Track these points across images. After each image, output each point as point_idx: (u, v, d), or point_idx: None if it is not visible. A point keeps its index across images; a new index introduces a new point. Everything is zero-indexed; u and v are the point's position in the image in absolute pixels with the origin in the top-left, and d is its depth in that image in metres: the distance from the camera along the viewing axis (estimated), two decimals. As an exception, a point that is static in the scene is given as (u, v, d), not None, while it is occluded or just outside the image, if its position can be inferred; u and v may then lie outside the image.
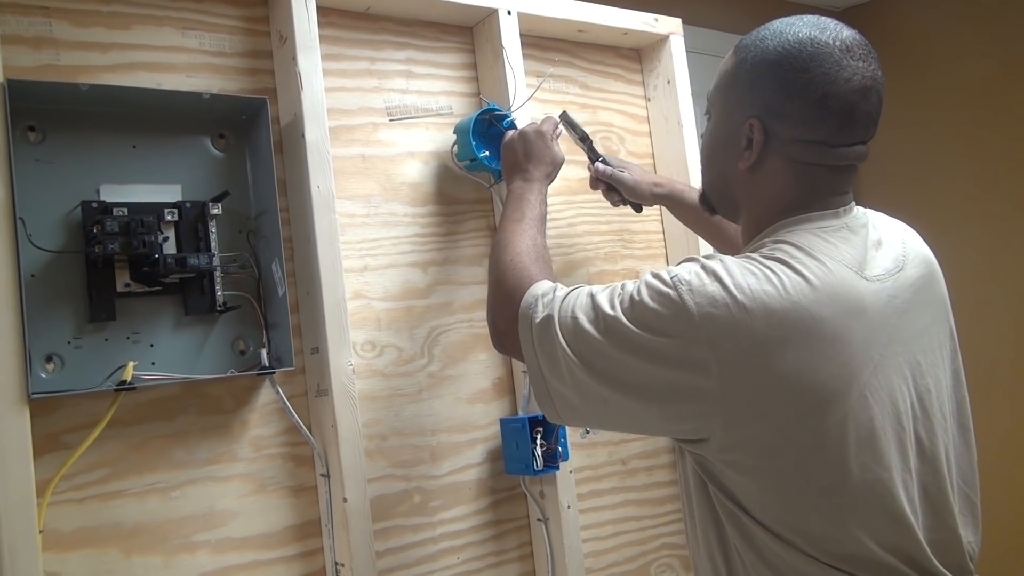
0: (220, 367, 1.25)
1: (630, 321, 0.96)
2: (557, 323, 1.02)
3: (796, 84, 0.97)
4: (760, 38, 1.02)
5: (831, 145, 0.99)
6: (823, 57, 0.96)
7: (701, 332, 0.91)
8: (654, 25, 1.77)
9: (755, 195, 1.04)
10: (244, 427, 1.27)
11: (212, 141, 1.29)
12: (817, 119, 0.98)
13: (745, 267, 0.94)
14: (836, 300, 0.93)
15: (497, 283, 1.17)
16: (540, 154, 1.36)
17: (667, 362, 0.93)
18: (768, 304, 0.91)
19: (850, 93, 0.97)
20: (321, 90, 1.31)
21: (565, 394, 1.02)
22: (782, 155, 1.00)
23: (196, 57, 1.30)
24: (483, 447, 1.51)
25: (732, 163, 1.05)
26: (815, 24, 0.99)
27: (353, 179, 1.42)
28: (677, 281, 0.94)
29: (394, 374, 1.42)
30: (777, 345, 0.90)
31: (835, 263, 0.95)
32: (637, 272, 1.77)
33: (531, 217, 1.26)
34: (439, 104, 1.54)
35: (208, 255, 1.20)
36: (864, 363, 0.93)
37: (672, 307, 0.93)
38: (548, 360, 1.03)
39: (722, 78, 1.07)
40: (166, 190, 1.24)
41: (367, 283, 1.41)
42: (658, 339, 0.94)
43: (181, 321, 1.23)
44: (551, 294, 1.07)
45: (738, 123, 1.02)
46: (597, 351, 0.98)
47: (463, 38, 1.59)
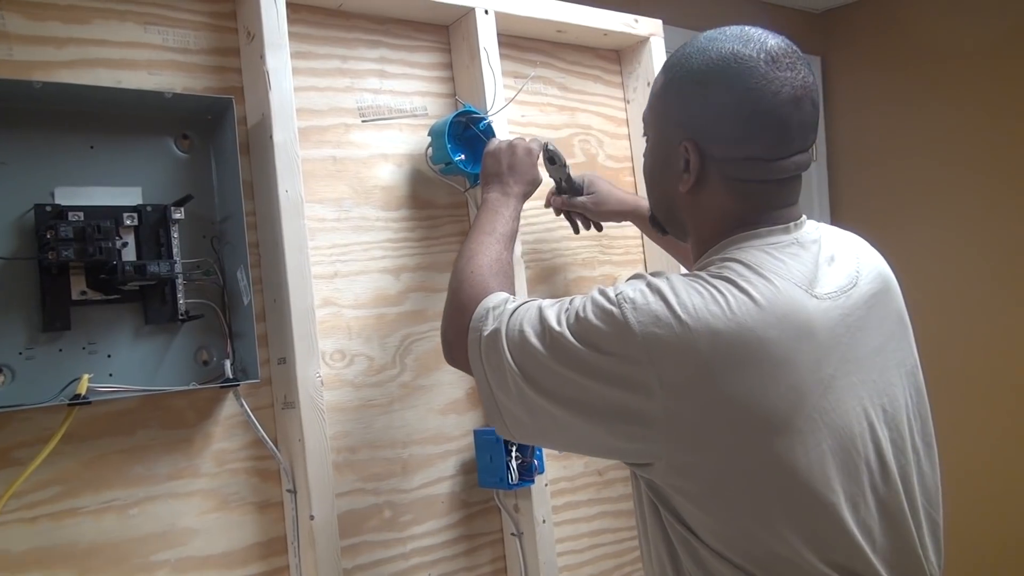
0: (182, 379, 1.20)
1: (574, 337, 0.93)
2: (504, 336, 1.00)
3: (723, 103, 0.94)
4: (685, 56, 0.99)
5: (768, 160, 0.96)
6: (748, 72, 0.93)
7: (643, 352, 0.89)
8: (634, 26, 1.73)
9: (700, 215, 1.02)
10: (207, 441, 1.22)
11: (175, 142, 1.23)
12: (750, 136, 0.95)
13: (691, 286, 0.91)
14: (784, 320, 0.90)
15: (454, 293, 1.15)
16: (524, 171, 1.33)
17: (609, 381, 0.91)
18: (713, 325, 0.88)
19: (780, 106, 0.94)
20: (290, 90, 1.26)
21: (513, 410, 1.00)
22: (721, 174, 0.98)
23: (159, 54, 1.24)
24: (456, 459, 1.46)
25: (673, 185, 1.02)
26: (738, 37, 0.96)
27: (323, 182, 1.37)
28: (621, 299, 0.92)
29: (364, 384, 1.37)
30: (722, 368, 0.88)
31: (783, 281, 0.92)
32: (615, 278, 1.74)
33: (502, 232, 1.23)
34: (413, 105, 1.50)
35: (170, 262, 1.14)
36: (813, 385, 0.90)
37: (614, 325, 0.91)
38: (495, 374, 1.00)
39: (654, 99, 1.04)
40: (125, 193, 1.18)
41: (337, 290, 1.36)
42: (600, 357, 0.91)
43: (141, 331, 1.17)
44: (502, 307, 1.05)
45: (673, 145, 1.00)
46: (542, 366, 0.96)
47: (438, 37, 1.55)
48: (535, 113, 1.65)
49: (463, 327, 1.06)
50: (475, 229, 1.24)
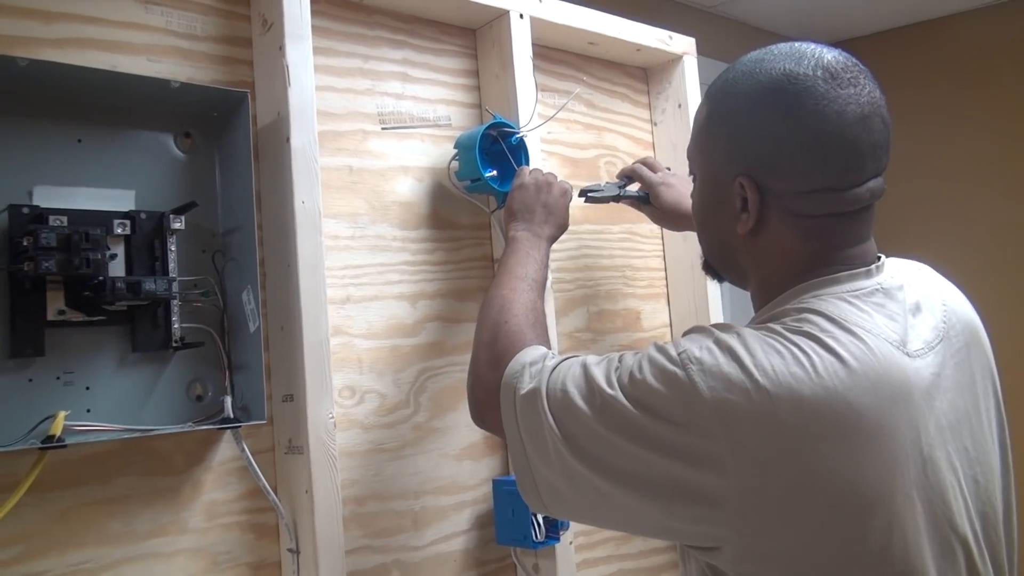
0: (171, 416, 1.02)
1: (629, 400, 0.79)
2: (544, 396, 0.86)
3: (779, 131, 0.82)
4: (730, 82, 0.87)
5: (839, 190, 0.83)
6: (805, 93, 0.81)
7: (714, 422, 0.75)
8: (668, 43, 1.61)
9: (763, 259, 0.88)
10: (196, 490, 1.04)
11: (175, 140, 1.06)
12: (814, 165, 0.82)
13: (767, 343, 0.78)
14: (878, 385, 0.77)
15: (485, 346, 1.00)
16: (558, 214, 1.22)
17: (671, 453, 0.77)
18: (796, 390, 0.74)
19: (846, 127, 0.81)
20: (311, 88, 1.10)
21: (551, 479, 0.85)
22: (784, 211, 0.84)
23: (161, 38, 1.07)
24: (471, 512, 1.30)
25: (729, 228, 0.88)
26: (789, 55, 0.84)
27: (338, 194, 1.21)
28: (686, 358, 0.78)
29: (375, 425, 1.21)
30: (808, 440, 0.74)
31: (873, 337, 0.79)
32: (638, 313, 1.60)
33: (534, 279, 1.10)
34: (437, 114, 1.35)
35: (167, 279, 0.97)
36: (911, 458, 0.78)
37: (678, 389, 0.77)
38: (533, 439, 0.86)
39: (698, 133, 0.92)
40: (116, 196, 1.01)
41: (349, 317, 1.20)
42: (661, 425, 0.77)
43: (126, 359, 0.99)
44: (541, 362, 0.91)
45: (726, 183, 0.87)
46: (589, 432, 0.81)
47: (465, 41, 1.40)
48: (561, 130, 1.52)
49: (495, 384, 0.92)
50: (505, 272, 1.10)
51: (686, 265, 1.63)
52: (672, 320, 1.66)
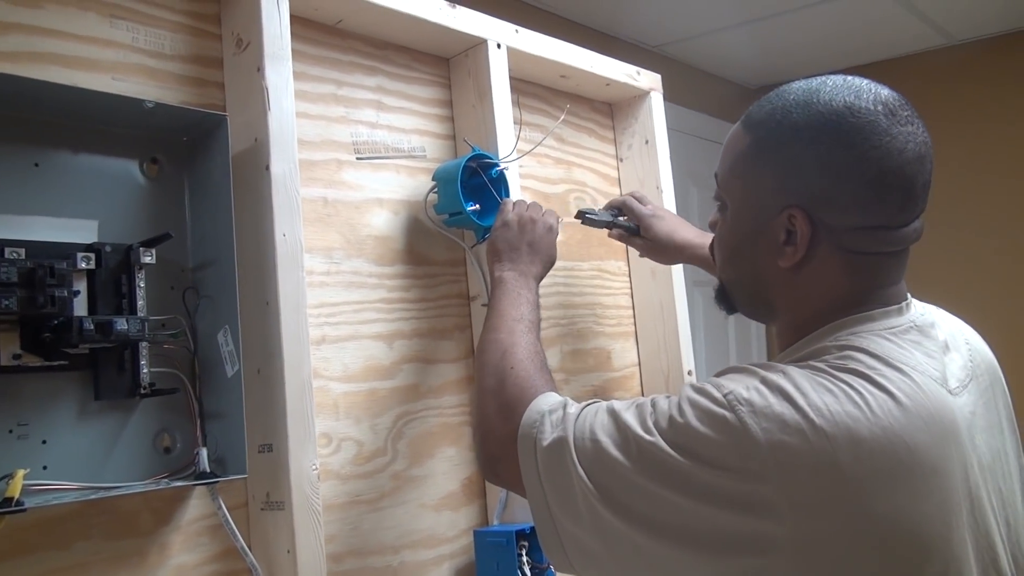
0: (137, 471, 0.92)
1: (672, 447, 0.74)
2: (572, 447, 0.80)
3: (844, 164, 0.79)
4: (780, 111, 0.83)
5: (892, 228, 0.81)
6: (869, 128, 0.79)
7: (769, 466, 0.71)
8: (636, 79, 1.60)
9: (799, 295, 0.85)
10: (164, 554, 0.93)
11: (141, 166, 0.97)
12: (875, 201, 0.80)
13: (817, 381, 0.74)
14: (931, 424, 0.74)
15: (493, 394, 0.93)
16: (545, 251, 1.16)
17: (721, 502, 0.72)
18: (855, 431, 0.71)
19: (906, 165, 0.80)
20: (292, 112, 1.03)
21: (580, 537, 0.79)
22: (834, 246, 0.81)
23: (126, 55, 0.98)
24: (450, 565, 1.22)
25: (768, 261, 0.85)
26: (846, 88, 0.81)
27: (312, 227, 1.13)
28: (734, 400, 0.73)
29: (352, 475, 1.12)
30: (867, 482, 0.71)
31: (920, 375, 0.77)
32: (609, 352, 1.56)
33: (530, 320, 1.05)
34: (412, 144, 1.29)
35: (139, 319, 0.87)
36: (963, 498, 0.76)
37: (729, 433, 0.72)
38: (558, 493, 0.80)
39: (737, 161, 0.86)
40: (77, 227, 0.91)
41: (325, 359, 1.11)
42: (709, 472, 0.72)
43: (88, 408, 0.89)
44: (560, 410, 0.85)
45: (771, 214, 0.83)
46: (627, 483, 0.76)
47: (438, 69, 1.35)
48: (533, 164, 1.48)
49: (510, 435, 0.86)
50: (499, 315, 1.04)
51: (655, 304, 1.60)
52: (640, 359, 1.62)
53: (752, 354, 3.38)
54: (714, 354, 3.15)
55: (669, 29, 2.82)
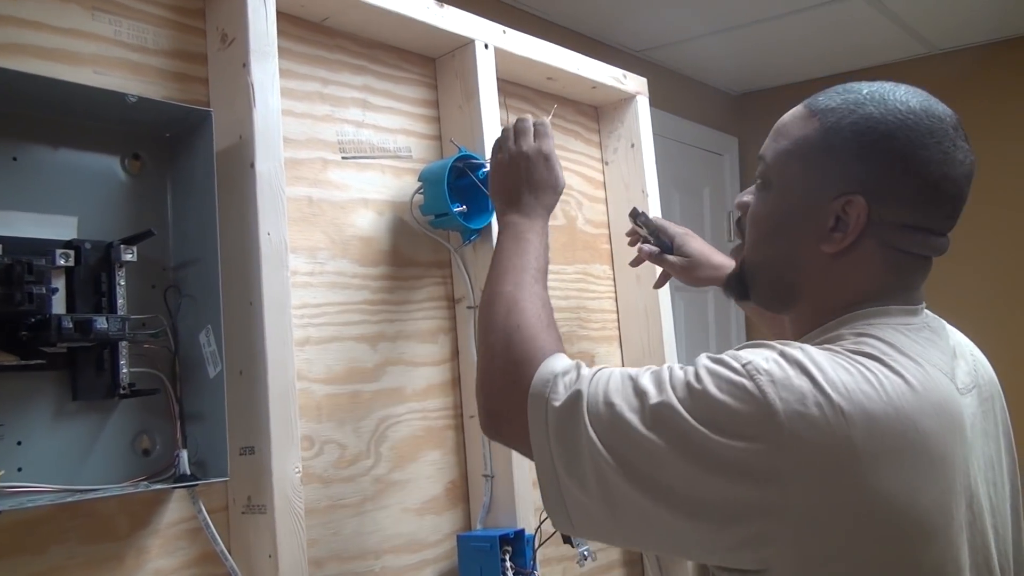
0: (115, 474, 0.90)
1: (689, 414, 0.74)
2: (586, 409, 0.79)
3: (915, 160, 0.81)
4: (855, 103, 0.83)
5: (935, 233, 0.84)
6: (941, 133, 0.81)
7: (786, 436, 0.71)
8: (622, 82, 1.59)
9: (831, 282, 0.85)
10: (141, 558, 0.91)
11: (123, 162, 0.95)
12: (930, 203, 0.82)
13: (834, 360, 0.75)
14: (940, 411, 0.76)
15: (499, 351, 0.91)
16: (545, 181, 1.08)
17: (733, 472, 0.72)
18: (869, 409, 0.72)
19: (962, 178, 0.83)
20: (278, 109, 1.01)
21: (584, 500, 0.79)
22: (879, 240, 0.83)
23: (108, 49, 0.96)
24: (432, 570, 1.21)
25: (808, 243, 0.85)
26: (918, 95, 0.84)
27: (297, 227, 1.11)
28: (753, 369, 0.74)
29: (335, 479, 1.11)
30: (877, 459, 0.72)
31: (932, 367, 0.79)
32: (592, 355, 1.55)
33: (536, 267, 1.00)
34: (397, 144, 1.27)
35: (120, 318, 0.86)
36: (963, 490, 0.78)
37: (748, 402, 0.72)
38: (567, 454, 0.79)
39: (799, 143, 0.86)
40: (56, 223, 0.89)
41: (308, 361, 1.10)
42: (725, 442, 0.72)
43: (65, 409, 0.87)
44: (574, 372, 0.84)
45: (824, 199, 0.83)
46: (640, 449, 0.75)
47: (424, 70, 1.34)
48: (518, 166, 1.46)
49: (519, 394, 0.84)
50: (501, 263, 0.99)
51: (639, 308, 1.60)
52: (624, 363, 1.62)
53: (732, 360, 3.39)
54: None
55: (654, 34, 2.82)
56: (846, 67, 3.11)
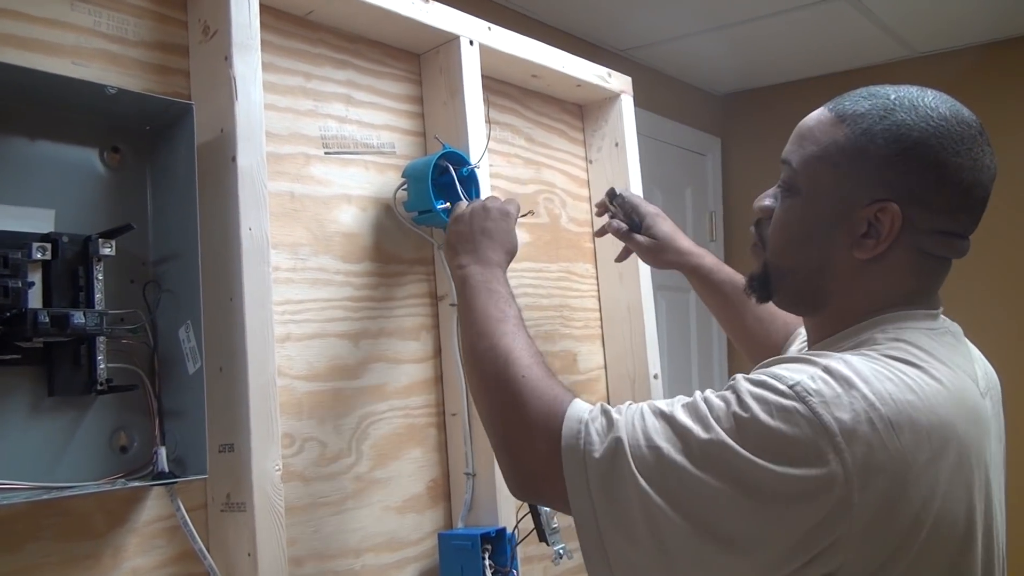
0: (92, 471, 0.88)
1: (742, 445, 0.72)
2: (630, 456, 0.76)
3: (949, 168, 0.81)
4: (884, 109, 0.83)
5: (962, 237, 0.85)
6: (971, 139, 0.82)
7: (844, 454, 0.71)
8: (607, 80, 1.59)
9: (860, 288, 0.85)
10: (118, 556, 0.90)
11: (102, 155, 0.94)
12: (963, 208, 0.83)
13: (876, 370, 0.76)
14: (973, 415, 0.79)
15: (512, 408, 0.86)
16: (502, 238, 1.08)
17: (799, 498, 0.71)
18: (914, 418, 0.73)
19: (988, 182, 0.84)
20: (260, 103, 1.00)
21: (631, 554, 0.76)
22: (912, 246, 0.83)
23: (88, 40, 0.95)
24: (413, 569, 1.20)
25: (839, 249, 0.85)
26: (946, 100, 0.84)
27: (278, 222, 1.10)
28: (802, 391, 0.73)
29: (315, 477, 1.10)
30: (925, 468, 0.73)
31: (961, 372, 0.81)
32: (575, 354, 1.55)
33: (513, 316, 0.97)
34: (381, 140, 1.26)
35: (97, 313, 0.84)
36: (994, 494, 0.81)
37: (803, 426, 0.71)
38: (612, 508, 0.76)
39: (828, 151, 0.85)
40: (33, 216, 0.87)
41: (289, 358, 1.09)
42: (790, 471, 0.71)
43: (41, 405, 0.85)
44: (601, 417, 0.81)
45: (857, 205, 0.83)
46: (696, 492, 0.73)
47: (409, 65, 1.33)
48: (502, 164, 1.46)
49: (552, 450, 0.80)
50: (479, 316, 0.96)
51: (622, 307, 1.60)
52: (607, 362, 1.62)
53: (713, 361, 3.40)
54: (676, 359, 3.16)
55: (638, 33, 2.82)
56: (828, 69, 3.13)
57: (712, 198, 3.48)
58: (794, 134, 0.89)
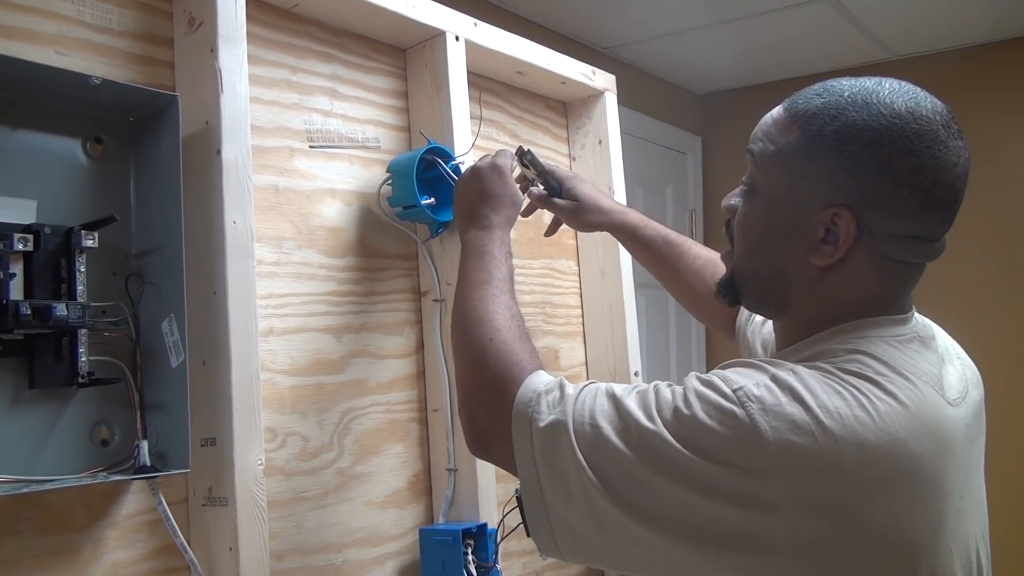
0: (72, 464, 0.88)
1: (677, 439, 0.73)
2: (572, 431, 0.78)
3: (903, 170, 0.77)
4: (836, 108, 0.79)
5: (930, 240, 0.81)
6: (930, 136, 0.77)
7: (776, 465, 0.71)
8: (591, 78, 1.60)
9: (823, 295, 0.83)
10: (98, 550, 0.90)
11: (84, 146, 0.93)
12: (923, 211, 0.79)
13: (827, 383, 0.74)
14: (932, 432, 0.76)
15: (476, 369, 0.90)
16: (498, 194, 1.08)
17: (723, 497, 0.71)
18: (863, 436, 0.71)
19: (956, 179, 0.79)
20: (246, 96, 1.00)
21: (572, 522, 0.78)
22: (873, 252, 0.80)
23: (71, 29, 0.94)
24: (394, 564, 1.20)
25: (799, 257, 0.82)
26: (906, 94, 0.80)
27: (262, 216, 1.10)
28: (743, 396, 0.73)
29: (297, 471, 1.09)
30: (870, 489, 0.72)
31: (924, 384, 0.78)
32: (556, 351, 1.55)
33: (500, 277, 0.99)
34: (366, 135, 1.26)
35: (79, 305, 0.84)
36: (951, 507, 0.77)
37: (737, 429, 0.72)
38: (553, 476, 0.79)
39: (782, 152, 0.82)
40: (15, 206, 0.86)
41: (271, 352, 1.08)
42: (713, 467, 0.72)
43: (21, 397, 0.85)
44: (557, 391, 0.83)
45: (812, 210, 0.80)
46: (626, 473, 0.75)
47: (394, 60, 1.33)
48: (487, 160, 1.46)
49: (502, 413, 0.83)
50: (465, 280, 0.99)
51: (604, 304, 1.60)
52: (588, 360, 1.63)
53: (692, 359, 3.42)
54: (655, 357, 3.18)
55: (620, 32, 2.83)
56: (809, 70, 3.16)
57: (692, 196, 3.50)
58: (755, 129, 0.87)
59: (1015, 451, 2.85)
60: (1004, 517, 1.16)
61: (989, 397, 0.92)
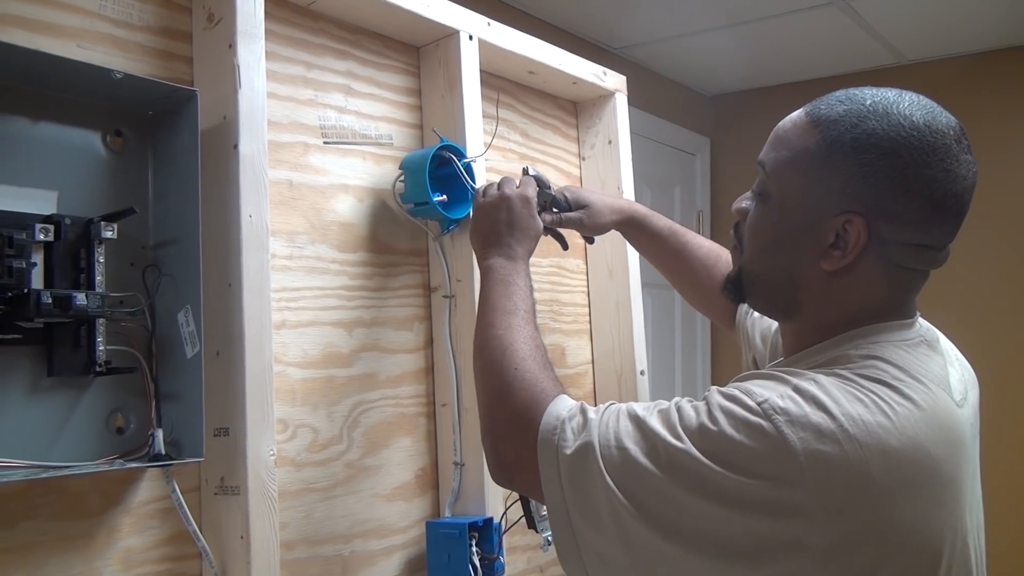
0: (88, 451, 0.89)
1: (706, 456, 0.74)
2: (599, 455, 0.78)
3: (917, 181, 0.79)
4: (857, 116, 0.81)
5: (937, 249, 0.84)
6: (943, 149, 0.80)
7: (806, 474, 0.72)
8: (602, 79, 1.61)
9: (831, 299, 0.85)
10: (112, 536, 0.91)
11: (104, 138, 0.95)
12: (934, 221, 0.81)
13: (847, 390, 0.76)
14: (948, 434, 0.78)
15: (500, 398, 0.90)
16: (525, 227, 1.11)
17: (757, 509, 0.72)
18: (885, 441, 0.73)
19: (965, 192, 0.82)
20: (263, 91, 1.01)
21: (601, 548, 0.78)
22: (882, 258, 0.82)
23: (93, 23, 0.95)
24: (400, 556, 1.22)
25: (808, 261, 0.84)
26: (923, 106, 0.82)
27: (276, 210, 1.11)
28: (769, 409, 0.74)
29: (307, 463, 1.11)
30: (895, 492, 0.73)
31: (936, 387, 0.80)
32: (563, 349, 1.57)
33: (525, 309, 1.01)
34: (379, 131, 1.27)
35: (99, 295, 0.85)
36: (967, 505, 0.80)
37: (767, 442, 0.73)
38: (581, 501, 0.79)
39: (799, 156, 0.84)
40: (36, 197, 0.88)
41: (283, 344, 1.10)
42: (747, 481, 0.72)
43: (39, 384, 0.86)
44: (579, 416, 0.83)
45: (824, 215, 0.82)
46: (658, 493, 0.75)
47: (408, 58, 1.34)
48: (497, 159, 1.47)
49: (527, 443, 0.83)
50: (491, 308, 1.00)
51: (611, 303, 1.62)
52: (594, 358, 1.64)
53: (697, 359, 3.43)
54: (660, 356, 3.19)
55: (631, 32, 2.84)
56: (819, 73, 3.16)
57: (700, 197, 3.51)
58: (771, 136, 0.88)
59: (1014, 452, 2.85)
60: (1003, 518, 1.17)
61: (987, 400, 0.94)
